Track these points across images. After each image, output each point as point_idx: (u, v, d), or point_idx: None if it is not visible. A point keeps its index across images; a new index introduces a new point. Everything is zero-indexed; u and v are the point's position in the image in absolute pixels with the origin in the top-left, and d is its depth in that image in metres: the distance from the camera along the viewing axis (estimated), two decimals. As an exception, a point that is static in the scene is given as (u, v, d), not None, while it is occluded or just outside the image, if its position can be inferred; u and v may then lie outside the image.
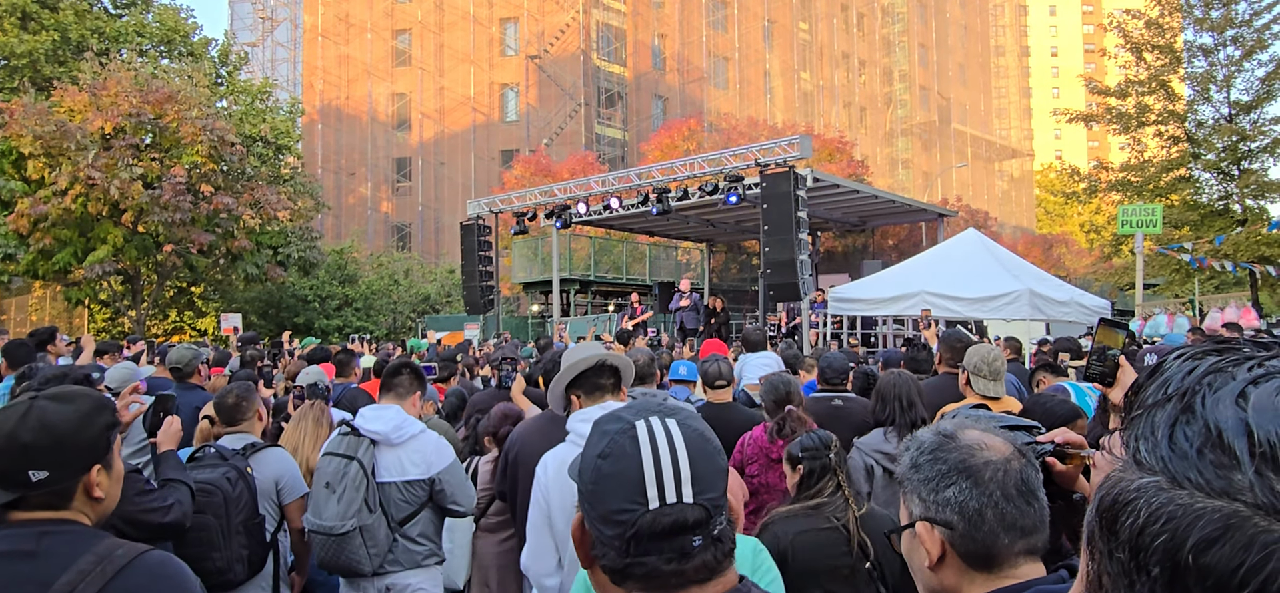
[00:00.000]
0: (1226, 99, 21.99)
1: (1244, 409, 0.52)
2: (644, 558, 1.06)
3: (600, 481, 1.10)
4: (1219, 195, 22.47)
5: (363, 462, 3.59)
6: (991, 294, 11.93)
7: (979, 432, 1.31)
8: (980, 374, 4.35)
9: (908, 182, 52.34)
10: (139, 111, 19.62)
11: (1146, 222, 12.73)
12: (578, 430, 2.71)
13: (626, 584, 1.09)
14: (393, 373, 3.97)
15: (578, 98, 39.53)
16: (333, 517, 3.50)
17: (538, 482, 2.69)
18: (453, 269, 30.51)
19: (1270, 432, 0.50)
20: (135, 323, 22.21)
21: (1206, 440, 0.52)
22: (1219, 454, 0.51)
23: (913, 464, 1.31)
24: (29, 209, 18.88)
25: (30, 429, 1.69)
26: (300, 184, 27.20)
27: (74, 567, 1.59)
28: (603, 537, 1.09)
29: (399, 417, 3.74)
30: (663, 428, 1.11)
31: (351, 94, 42.76)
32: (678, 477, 1.07)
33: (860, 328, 15.88)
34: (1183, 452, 0.53)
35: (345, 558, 3.54)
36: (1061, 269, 32.64)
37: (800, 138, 14.37)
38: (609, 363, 2.89)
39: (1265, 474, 0.49)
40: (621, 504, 1.07)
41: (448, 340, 15.89)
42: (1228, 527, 0.49)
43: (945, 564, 1.27)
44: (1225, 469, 0.50)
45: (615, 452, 1.10)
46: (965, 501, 1.24)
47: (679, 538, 1.06)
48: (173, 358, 5.76)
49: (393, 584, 3.69)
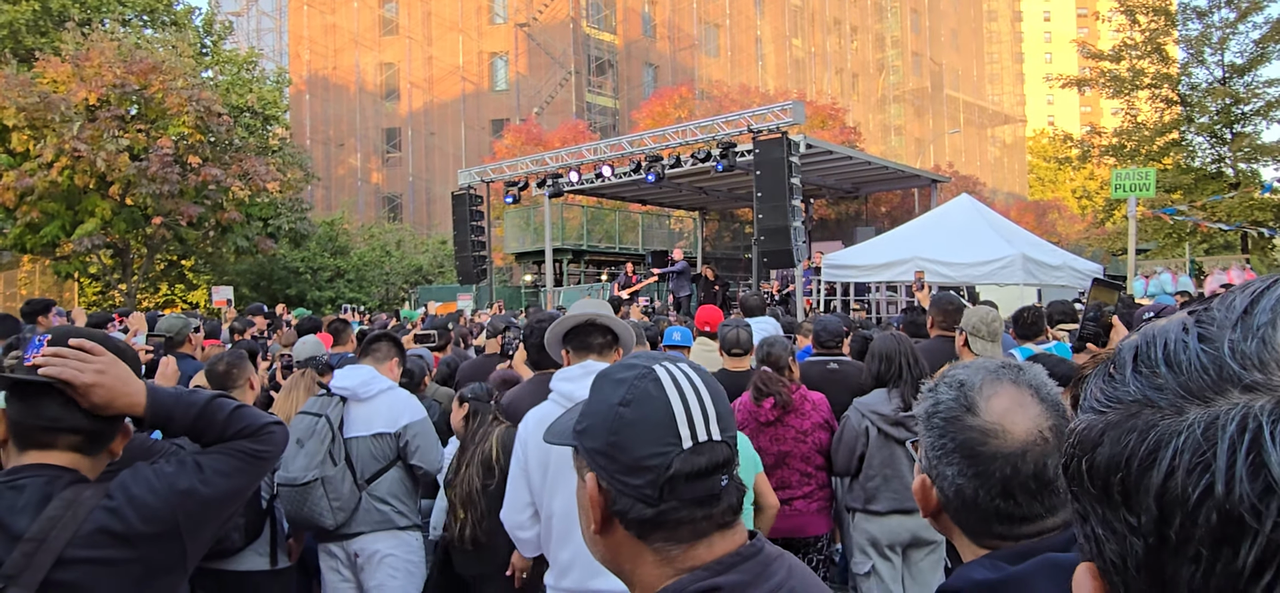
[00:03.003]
0: (1220, 61, 21.95)
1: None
2: (677, 501, 1.03)
3: (623, 429, 1.06)
4: (1212, 159, 22.50)
5: (329, 417, 3.67)
6: (985, 259, 11.96)
7: (1009, 400, 1.19)
8: (979, 335, 4.34)
9: (900, 148, 52.20)
10: (123, 82, 19.36)
11: (1140, 186, 12.72)
12: (559, 389, 2.73)
13: (653, 536, 1.06)
14: (373, 341, 4.06)
15: (568, 66, 39.18)
16: (298, 469, 3.56)
17: (518, 437, 2.72)
18: (444, 240, 30.37)
19: (1149, 334, 0.52)
20: (126, 296, 22.07)
21: (1110, 364, 0.54)
22: (1114, 369, 0.53)
23: (926, 418, 1.25)
24: (14, 182, 18.66)
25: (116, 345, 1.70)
26: (289, 155, 26.96)
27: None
28: (628, 489, 1.05)
29: (369, 373, 3.82)
30: (681, 370, 1.10)
31: (339, 63, 42.28)
32: (706, 414, 1.06)
33: (853, 294, 15.91)
34: (1096, 382, 0.55)
35: (307, 510, 3.57)
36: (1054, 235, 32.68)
37: (793, 103, 14.29)
38: (602, 323, 2.86)
39: (1144, 373, 0.50)
40: (653, 449, 1.04)
41: (440, 311, 15.84)
42: (1107, 426, 0.50)
43: (941, 519, 1.26)
44: (1117, 381, 0.52)
45: (638, 397, 1.07)
46: (962, 485, 1.18)
47: (711, 478, 1.04)
48: (162, 327, 5.71)
49: (361, 549, 3.70)
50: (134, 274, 22.55)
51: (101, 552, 1.54)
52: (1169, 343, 0.50)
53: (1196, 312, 0.52)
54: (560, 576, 2.59)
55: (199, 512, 1.67)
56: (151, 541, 1.60)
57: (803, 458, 4.21)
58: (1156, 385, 0.49)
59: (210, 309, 22.29)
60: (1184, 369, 0.49)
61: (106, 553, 1.55)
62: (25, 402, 1.63)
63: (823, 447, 4.23)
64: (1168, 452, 0.46)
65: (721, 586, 1.03)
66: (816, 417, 4.24)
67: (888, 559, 4.11)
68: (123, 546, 1.57)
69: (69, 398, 1.61)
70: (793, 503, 4.21)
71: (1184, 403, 0.47)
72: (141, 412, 1.70)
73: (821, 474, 4.28)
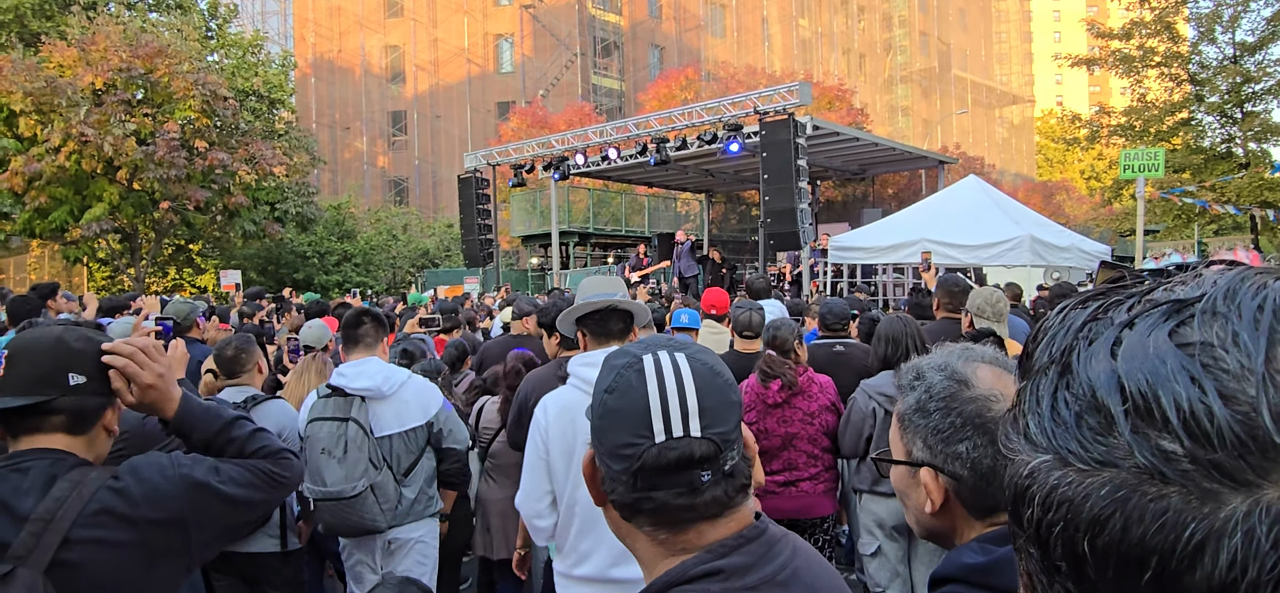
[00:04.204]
0: (1231, 40, 21.67)
1: (1115, 359, 0.45)
2: (652, 493, 1.04)
3: (607, 415, 1.09)
4: (1221, 139, 22.29)
5: (359, 420, 3.54)
6: (992, 241, 11.90)
7: (992, 373, 1.23)
8: (984, 316, 4.35)
9: (907, 129, 51.91)
10: (129, 66, 19.37)
11: (1149, 166, 12.61)
12: (577, 374, 2.69)
13: (636, 519, 1.08)
14: (353, 324, 3.80)
15: (573, 48, 39.01)
16: (338, 480, 3.45)
17: (536, 423, 2.68)
18: (451, 223, 30.38)
19: (1141, 379, 0.43)
20: (135, 281, 22.17)
21: (1084, 404, 0.45)
22: (1096, 417, 0.44)
23: (919, 407, 1.24)
24: (22, 167, 18.73)
25: (76, 338, 1.70)
26: (295, 139, 26.96)
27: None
28: (611, 472, 1.08)
29: (384, 368, 3.70)
30: (670, 361, 1.09)
31: (344, 46, 42.18)
32: (685, 410, 1.05)
33: (860, 276, 15.89)
34: (1064, 422, 0.46)
35: (356, 519, 3.50)
36: (1061, 216, 32.55)
37: (799, 85, 14.21)
38: (621, 308, 2.86)
39: (1142, 431, 0.42)
40: (627, 438, 1.05)
41: (447, 294, 15.87)
42: (1114, 501, 0.42)
43: (947, 510, 1.24)
44: (1103, 434, 0.43)
45: (621, 386, 1.08)
46: (979, 457, 1.18)
47: (687, 473, 1.04)
48: (170, 311, 5.73)
49: (395, 538, 3.69)
50: (142, 259, 22.64)
51: (105, 532, 1.56)
52: (1181, 401, 0.42)
53: (1191, 345, 0.44)
54: (577, 563, 2.57)
55: (208, 507, 1.70)
56: (155, 525, 1.62)
57: (810, 440, 4.23)
58: (1168, 455, 0.41)
59: (218, 294, 22.39)
60: (1214, 443, 0.40)
61: (110, 534, 1.57)
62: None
63: (829, 429, 4.24)
64: (1221, 556, 0.39)
65: (723, 568, 1.03)
66: (823, 399, 4.25)
67: (894, 540, 4.13)
68: (126, 526, 1.59)
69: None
70: (799, 484, 4.23)
71: (1218, 487, 0.40)
72: (172, 416, 1.79)
73: (828, 456, 4.30)
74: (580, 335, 2.89)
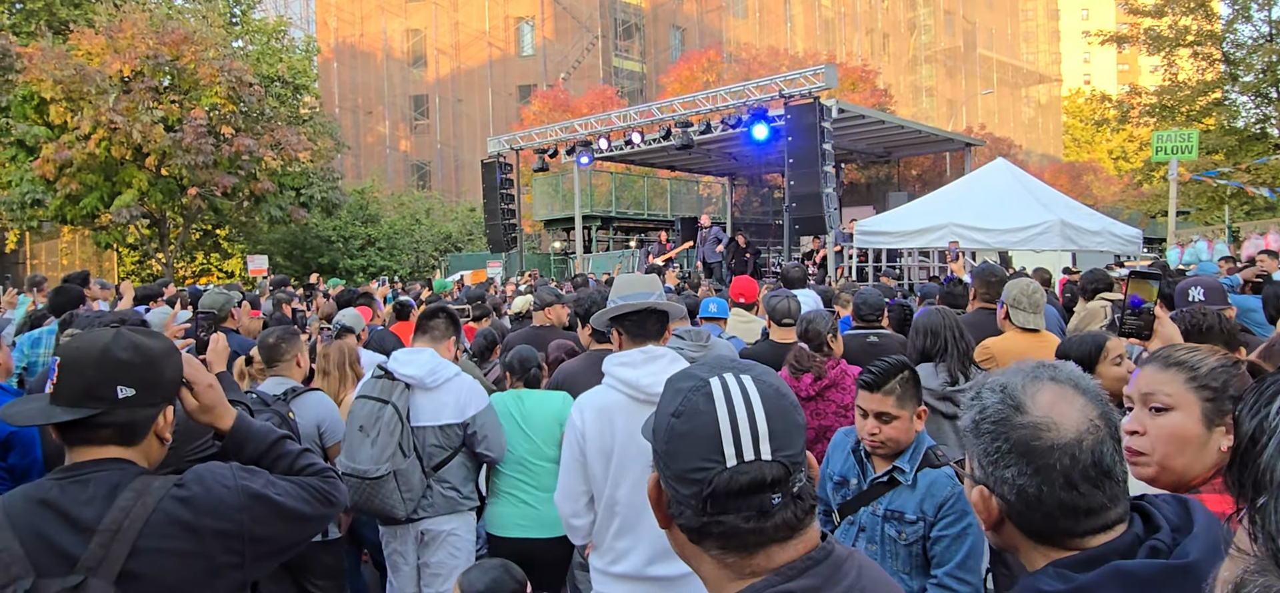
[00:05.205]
0: (1268, 17, 21.20)
1: None
2: (722, 517, 1.04)
3: (674, 439, 1.07)
4: (1256, 119, 21.85)
5: (397, 406, 3.56)
6: (1021, 225, 11.77)
7: (1054, 396, 1.20)
8: (1020, 307, 4.29)
9: (932, 110, 51.31)
10: (156, 53, 19.57)
11: (1182, 147, 12.42)
12: (614, 373, 2.67)
13: (704, 543, 1.08)
14: (429, 316, 3.90)
15: (594, 30, 38.85)
16: (367, 461, 3.50)
17: (572, 424, 2.67)
18: (473, 207, 30.49)
19: None
20: (164, 266, 22.49)
21: None
22: None
23: (974, 427, 1.23)
24: (54, 154, 19.02)
25: (123, 347, 1.65)
26: (319, 124, 27.15)
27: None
28: (679, 496, 1.07)
29: (434, 360, 3.71)
30: (738, 384, 1.08)
31: (366, 31, 42.28)
32: (755, 434, 1.05)
33: (885, 261, 15.78)
34: None
35: (378, 502, 3.54)
36: (1089, 198, 32.04)
37: (825, 68, 14.07)
38: (658, 309, 2.84)
39: None
40: (697, 463, 1.04)
41: (471, 279, 15.93)
42: None
43: (1004, 529, 1.24)
44: None
45: (689, 410, 1.07)
46: (1024, 485, 1.17)
47: (758, 496, 1.03)
48: (205, 303, 5.78)
49: (428, 529, 3.72)
50: (171, 244, 22.94)
51: (171, 542, 1.57)
52: None
53: None
54: (614, 560, 2.59)
55: (265, 518, 1.71)
56: (216, 536, 1.63)
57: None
58: None
59: (246, 279, 22.64)
60: None
61: (175, 543, 1.58)
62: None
63: (864, 421, 4.21)
64: None
65: (793, 591, 1.03)
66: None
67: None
68: (190, 536, 1.60)
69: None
70: (833, 478, 4.21)
71: None
72: (227, 429, 1.84)
73: (862, 449, 4.27)
74: (615, 333, 2.87)
